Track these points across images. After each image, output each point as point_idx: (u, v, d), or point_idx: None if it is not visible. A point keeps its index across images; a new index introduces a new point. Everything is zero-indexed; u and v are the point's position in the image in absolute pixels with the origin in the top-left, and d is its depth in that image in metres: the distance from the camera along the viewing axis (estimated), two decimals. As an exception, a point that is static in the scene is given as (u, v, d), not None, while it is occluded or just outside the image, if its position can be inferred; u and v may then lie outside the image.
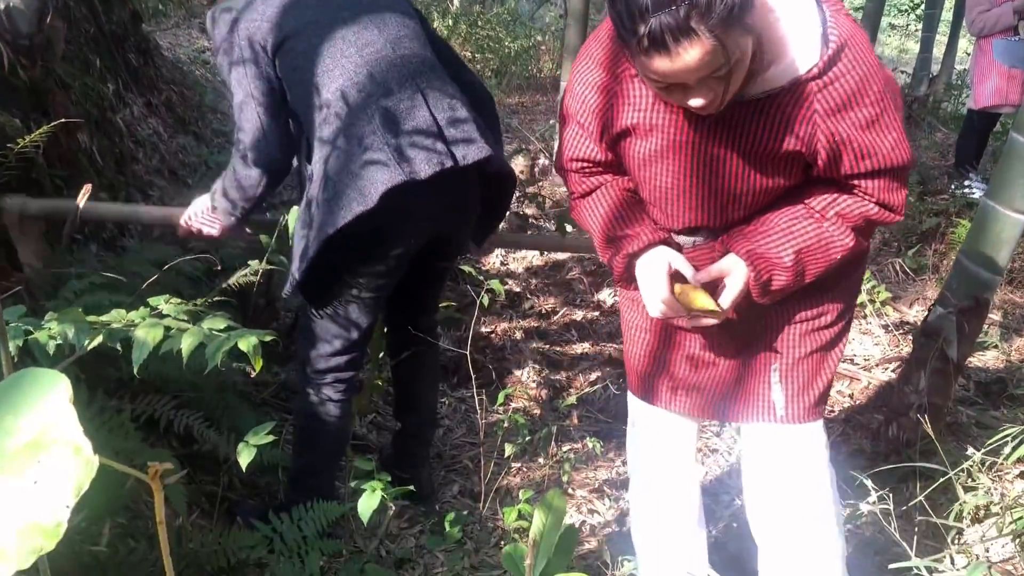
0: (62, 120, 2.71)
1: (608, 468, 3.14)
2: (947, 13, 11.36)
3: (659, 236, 1.75)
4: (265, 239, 2.65)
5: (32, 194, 2.69)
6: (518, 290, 4.50)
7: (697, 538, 2.13)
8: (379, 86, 2.16)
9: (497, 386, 3.53)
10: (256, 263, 2.64)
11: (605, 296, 4.50)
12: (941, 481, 2.38)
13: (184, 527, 2.16)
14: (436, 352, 2.80)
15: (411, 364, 2.73)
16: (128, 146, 3.72)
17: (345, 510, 2.43)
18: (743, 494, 2.05)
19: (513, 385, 3.64)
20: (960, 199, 5.46)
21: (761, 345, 1.86)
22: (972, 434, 3.13)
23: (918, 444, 2.79)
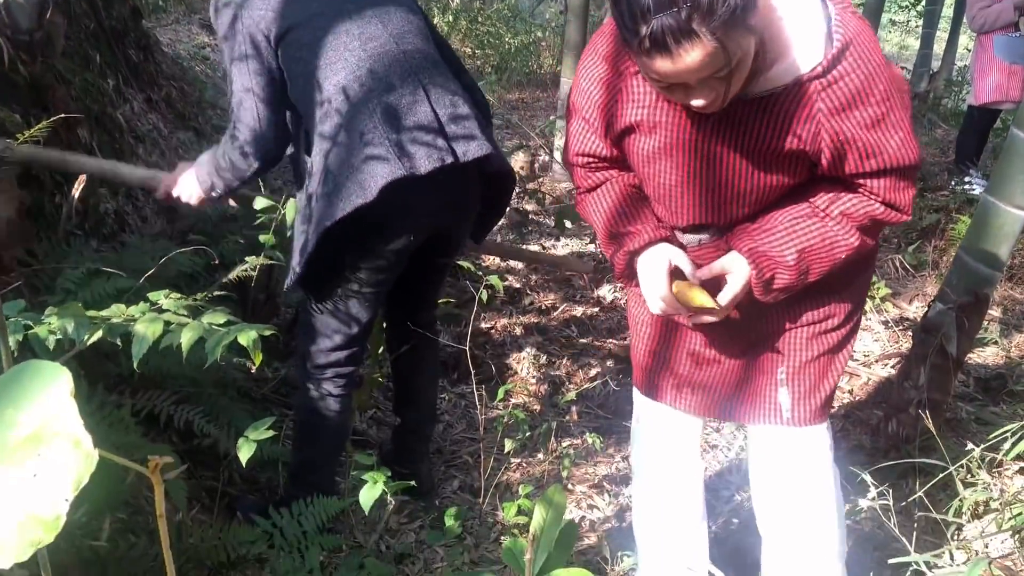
0: (62, 116, 2.70)
1: (608, 464, 3.14)
2: (948, 9, 11.36)
3: (661, 234, 1.75)
4: (265, 237, 2.65)
5: (32, 191, 2.69)
6: (518, 286, 4.50)
7: (698, 533, 2.13)
8: (381, 81, 2.16)
9: (497, 382, 3.53)
10: (254, 258, 2.64)
11: (605, 292, 4.50)
12: (940, 477, 2.38)
13: (184, 522, 2.17)
14: (436, 347, 2.80)
15: (411, 359, 2.73)
16: (128, 142, 3.71)
17: (345, 505, 2.43)
18: (751, 492, 2.05)
19: (513, 381, 3.64)
20: (960, 195, 5.47)
21: (768, 347, 1.85)
22: (972, 430, 3.13)
23: (917, 440, 2.80)
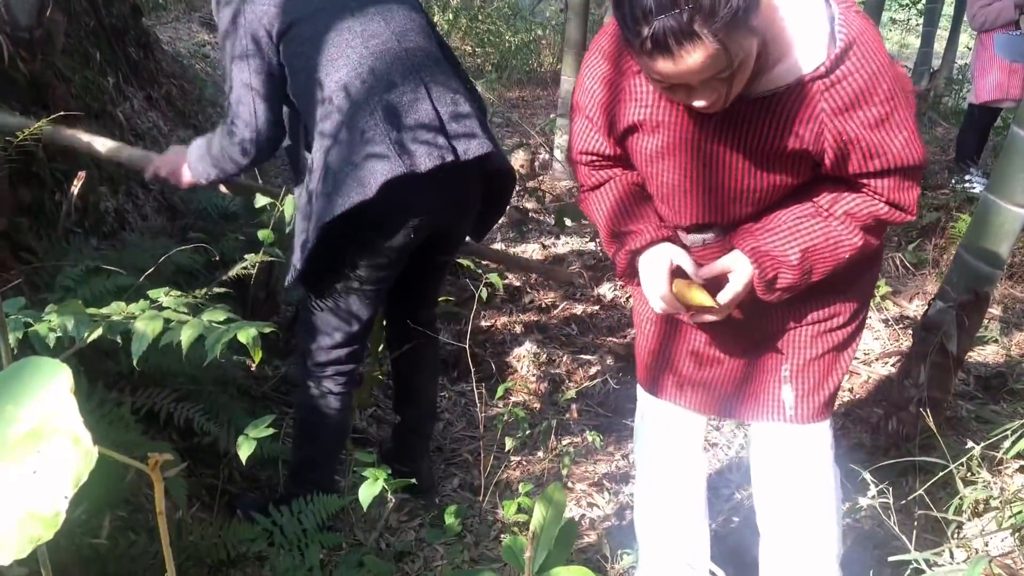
0: (62, 113, 2.70)
1: (608, 462, 3.14)
2: (948, 8, 11.35)
3: (663, 234, 1.75)
4: (264, 233, 2.65)
5: (32, 188, 2.69)
6: (518, 284, 4.50)
7: (700, 531, 2.12)
8: (382, 79, 2.16)
9: (497, 380, 3.53)
10: (254, 255, 2.64)
11: (605, 290, 4.50)
12: (941, 475, 2.38)
13: (184, 520, 2.17)
14: (436, 345, 2.80)
15: (411, 358, 2.73)
16: (128, 139, 3.71)
17: (345, 503, 2.43)
18: (752, 489, 2.05)
19: (513, 379, 3.64)
20: (961, 194, 5.46)
21: (772, 345, 1.85)
22: (972, 428, 3.13)
23: (918, 438, 2.80)
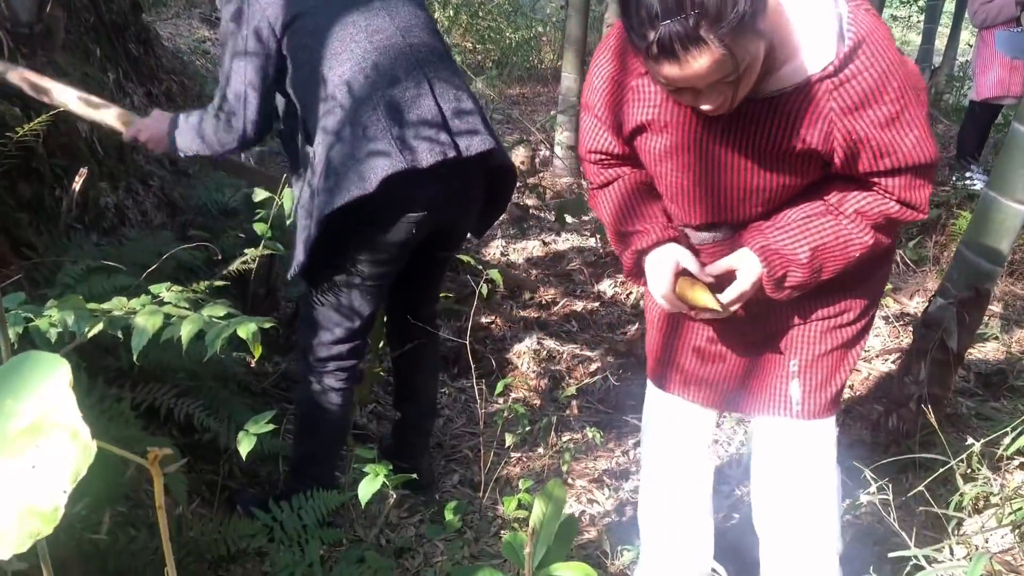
0: (62, 110, 2.70)
1: (608, 458, 3.14)
2: (949, 4, 11.35)
3: (669, 234, 1.74)
4: (262, 227, 2.64)
5: (32, 184, 2.69)
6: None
7: (704, 527, 2.11)
8: (385, 75, 2.17)
9: (497, 376, 3.53)
10: (253, 250, 2.64)
11: (605, 287, 4.50)
12: (941, 471, 2.38)
13: (184, 516, 2.17)
14: (436, 342, 2.80)
15: (411, 354, 2.73)
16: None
17: (345, 499, 2.43)
18: (750, 485, 2.04)
19: (513, 375, 3.64)
20: (961, 190, 5.46)
21: (780, 340, 1.84)
22: (972, 425, 3.13)
23: (918, 435, 2.80)
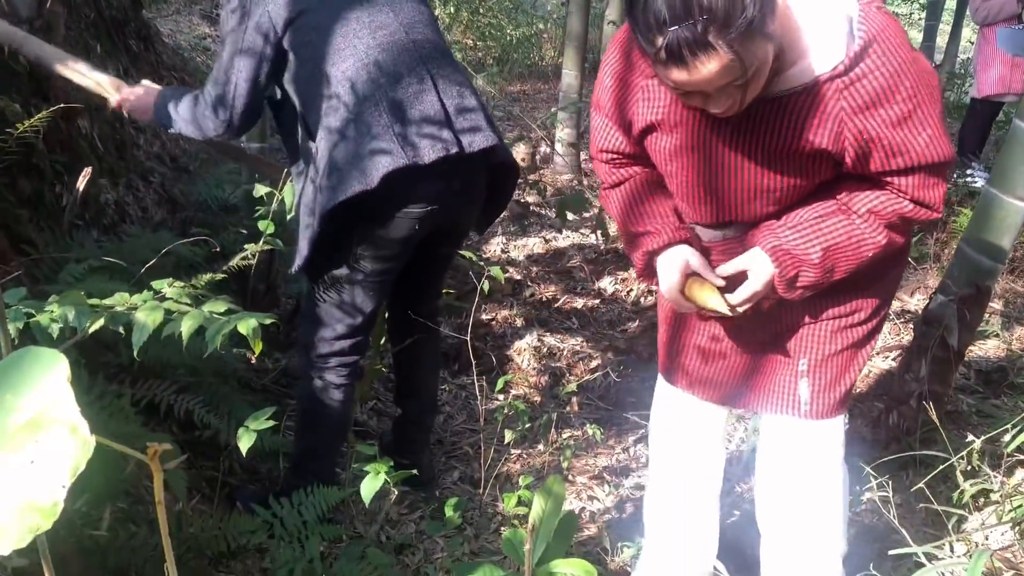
0: (62, 105, 2.69)
1: (608, 455, 3.14)
2: (951, 1, 11.34)
3: (679, 235, 1.74)
4: (263, 223, 2.64)
5: (32, 181, 2.69)
6: (519, 278, 4.50)
7: (709, 525, 2.10)
8: (388, 71, 2.17)
9: (497, 373, 3.53)
10: (253, 245, 2.64)
11: (606, 284, 4.50)
12: (941, 468, 2.38)
13: (184, 512, 2.17)
14: (437, 338, 2.81)
15: (412, 350, 2.73)
16: (129, 132, 3.71)
17: (346, 495, 2.43)
18: (755, 483, 2.04)
19: (513, 372, 3.65)
20: (962, 188, 5.45)
21: (790, 339, 1.83)
22: (972, 422, 3.13)
23: (918, 432, 2.80)
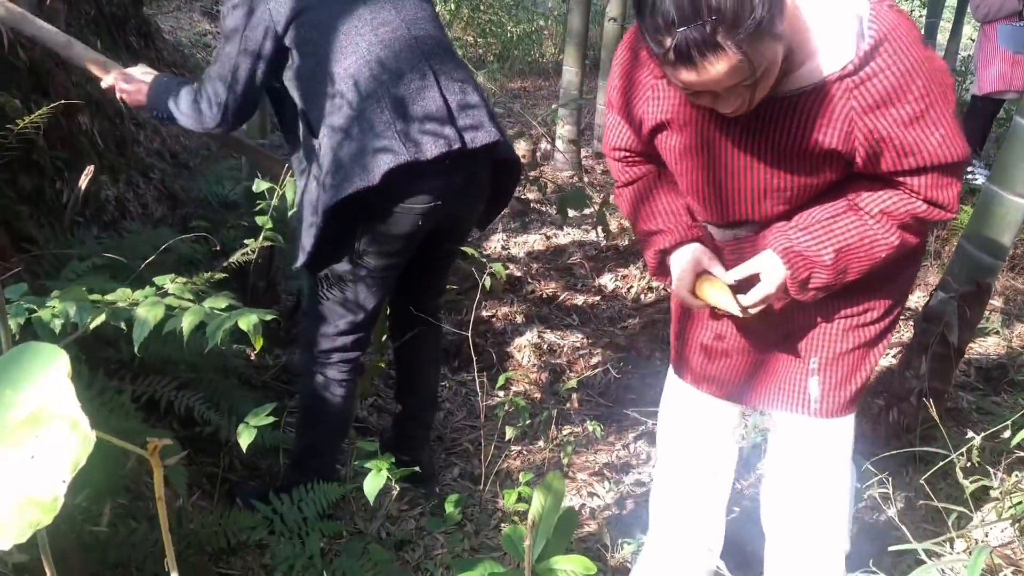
0: (62, 102, 2.70)
1: (608, 452, 3.14)
2: (952, -1, 11.31)
3: (692, 234, 1.74)
4: (262, 219, 2.64)
5: (33, 177, 2.69)
6: (519, 274, 4.50)
7: (716, 523, 2.09)
8: (391, 68, 2.17)
9: (498, 369, 3.53)
10: (254, 241, 2.64)
11: (606, 281, 4.50)
12: (941, 465, 2.38)
13: (184, 508, 2.17)
14: (439, 335, 2.81)
15: (413, 347, 2.73)
16: (129, 128, 3.71)
17: (346, 491, 2.43)
18: (762, 480, 2.04)
19: (514, 369, 3.65)
20: (963, 185, 5.45)
21: (802, 337, 1.82)
22: (972, 419, 3.13)
23: (918, 429, 2.80)
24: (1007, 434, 2.58)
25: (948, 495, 2.50)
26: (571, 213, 4.83)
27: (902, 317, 4.01)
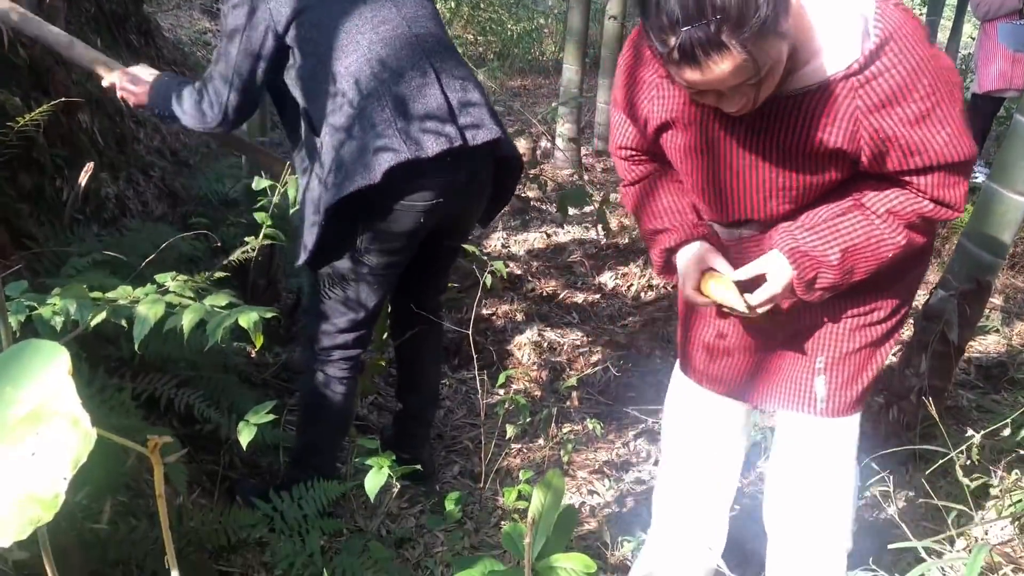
0: (62, 99, 2.70)
1: (608, 450, 3.14)
2: (952, -3, 11.30)
3: (697, 232, 1.74)
4: (262, 216, 2.64)
5: (33, 175, 2.69)
6: (519, 272, 4.50)
7: (720, 521, 2.08)
8: (391, 68, 2.17)
9: (498, 368, 3.53)
10: (254, 239, 2.64)
11: (606, 279, 4.50)
12: (941, 463, 2.38)
13: (185, 506, 2.17)
14: (440, 333, 2.81)
15: (414, 345, 2.73)
16: (129, 126, 3.71)
17: (346, 489, 2.44)
18: (765, 478, 2.03)
19: (514, 367, 3.65)
20: (965, 183, 5.44)
21: (808, 336, 1.81)
22: (972, 417, 3.13)
23: (918, 427, 2.80)
24: (1007, 432, 2.58)
25: (948, 493, 2.50)
26: (571, 211, 4.83)
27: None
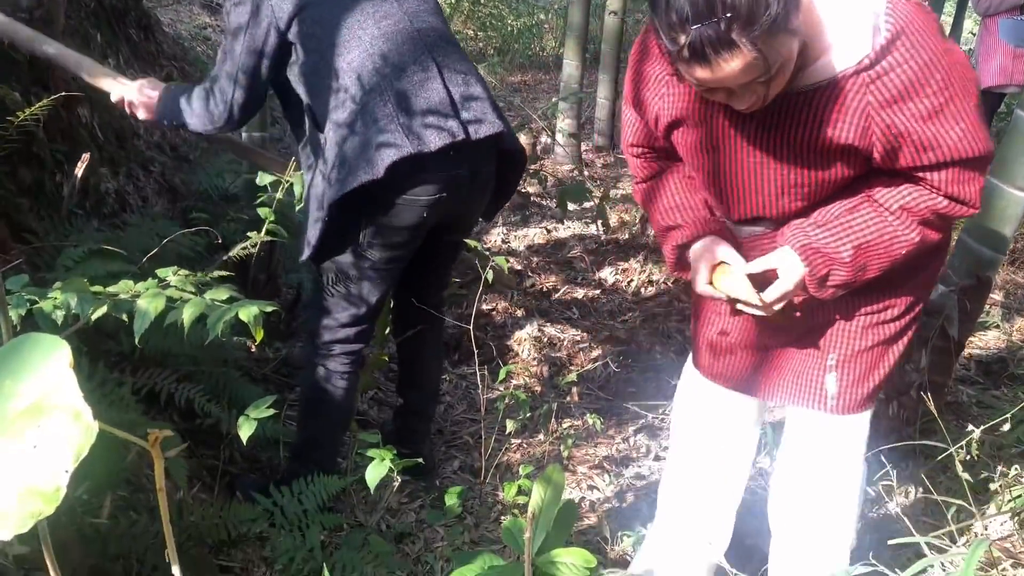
0: (62, 94, 2.69)
1: (608, 445, 3.14)
2: (953, -8, 11.29)
3: (709, 227, 1.74)
4: (264, 211, 2.64)
5: (32, 169, 2.68)
6: (519, 268, 4.50)
7: (726, 517, 2.07)
8: (393, 63, 2.17)
9: (498, 363, 3.53)
10: (256, 234, 2.64)
11: (606, 274, 4.50)
12: (941, 458, 2.38)
13: (185, 500, 2.17)
14: (441, 328, 2.81)
15: (416, 339, 2.73)
16: (129, 121, 3.70)
17: (346, 483, 2.44)
18: (773, 473, 2.03)
19: (514, 362, 3.65)
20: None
21: (820, 333, 1.81)
22: (972, 413, 3.13)
23: (918, 423, 2.80)
24: (1007, 428, 2.58)
25: (948, 488, 2.50)
26: (571, 207, 4.83)
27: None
